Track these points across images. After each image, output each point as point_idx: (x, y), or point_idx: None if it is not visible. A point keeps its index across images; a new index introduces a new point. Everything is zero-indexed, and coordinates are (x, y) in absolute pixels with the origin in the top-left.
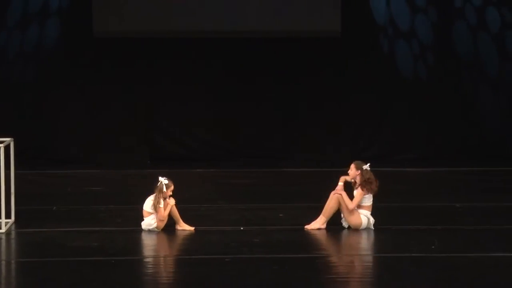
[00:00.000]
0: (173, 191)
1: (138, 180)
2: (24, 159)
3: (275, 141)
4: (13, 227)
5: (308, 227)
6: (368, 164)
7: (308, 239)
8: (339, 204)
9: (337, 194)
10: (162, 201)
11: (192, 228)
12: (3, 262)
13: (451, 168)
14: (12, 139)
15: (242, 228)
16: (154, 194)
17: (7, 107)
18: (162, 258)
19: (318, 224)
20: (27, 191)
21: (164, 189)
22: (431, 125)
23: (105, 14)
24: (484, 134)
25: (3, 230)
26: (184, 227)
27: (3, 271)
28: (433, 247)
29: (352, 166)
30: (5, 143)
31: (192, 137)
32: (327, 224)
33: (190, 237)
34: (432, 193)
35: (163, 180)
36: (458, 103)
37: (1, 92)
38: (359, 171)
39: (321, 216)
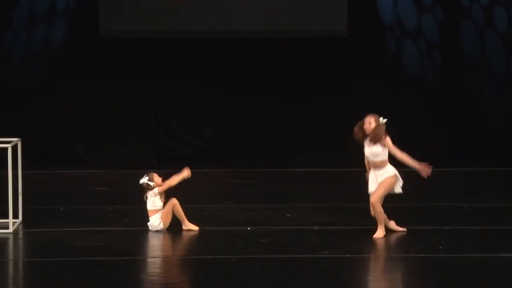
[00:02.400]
0: (162, 180)
1: None
2: (31, 159)
3: (281, 141)
4: (20, 227)
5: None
6: (385, 120)
7: (314, 240)
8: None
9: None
10: (157, 191)
11: (197, 228)
12: (11, 262)
13: (458, 168)
14: (20, 139)
15: (249, 229)
16: (147, 193)
17: (14, 107)
18: (168, 258)
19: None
20: (34, 191)
21: (151, 185)
22: (438, 124)
23: (112, 15)
24: (491, 134)
25: (11, 230)
26: (189, 227)
27: (11, 271)
28: (440, 247)
29: (371, 120)
30: (12, 143)
31: (198, 137)
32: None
33: (197, 237)
34: (439, 194)
35: (144, 180)
36: (465, 103)
37: (9, 93)
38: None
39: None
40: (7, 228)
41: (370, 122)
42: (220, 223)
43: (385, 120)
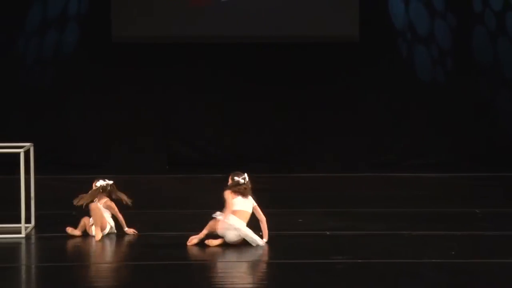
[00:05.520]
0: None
1: (156, 186)
2: (43, 164)
3: (293, 146)
4: (33, 232)
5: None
6: (245, 174)
7: (326, 244)
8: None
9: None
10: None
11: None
12: (23, 267)
13: (470, 174)
14: (32, 144)
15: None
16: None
17: (26, 112)
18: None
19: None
20: (46, 196)
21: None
22: (449, 130)
23: (124, 20)
24: (503, 139)
25: (23, 234)
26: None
27: (23, 275)
28: (452, 253)
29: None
30: (24, 148)
31: (210, 143)
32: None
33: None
34: (450, 199)
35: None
36: (476, 108)
37: (21, 98)
38: (231, 181)
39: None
40: (20, 233)
41: (228, 181)
42: None
43: (241, 179)
